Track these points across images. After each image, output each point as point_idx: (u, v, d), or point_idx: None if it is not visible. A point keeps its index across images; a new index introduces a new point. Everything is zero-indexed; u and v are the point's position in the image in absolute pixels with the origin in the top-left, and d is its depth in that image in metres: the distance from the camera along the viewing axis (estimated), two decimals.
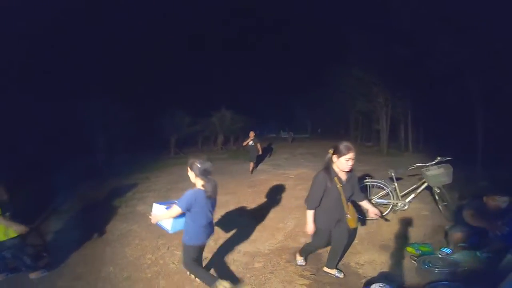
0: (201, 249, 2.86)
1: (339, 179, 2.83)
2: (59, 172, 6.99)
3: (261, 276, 3.15)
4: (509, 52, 5.58)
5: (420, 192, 4.56)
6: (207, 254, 3.64)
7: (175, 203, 2.63)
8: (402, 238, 3.80)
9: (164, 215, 2.73)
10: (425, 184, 4.48)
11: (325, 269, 3.16)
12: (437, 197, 4.52)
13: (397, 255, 3.46)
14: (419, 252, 3.54)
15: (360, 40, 10.12)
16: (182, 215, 2.68)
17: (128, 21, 12.75)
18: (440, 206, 4.45)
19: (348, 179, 2.89)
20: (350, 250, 3.66)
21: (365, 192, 4.58)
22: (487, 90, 6.79)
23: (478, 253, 3.22)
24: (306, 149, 12.19)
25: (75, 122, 9.41)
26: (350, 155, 2.68)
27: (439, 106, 8.90)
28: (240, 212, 5.18)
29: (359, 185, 3.15)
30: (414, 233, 3.89)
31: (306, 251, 3.34)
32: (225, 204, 5.59)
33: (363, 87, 11.16)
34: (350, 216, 2.91)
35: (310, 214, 2.86)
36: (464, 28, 5.92)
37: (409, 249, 3.60)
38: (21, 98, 7.93)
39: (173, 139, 12.02)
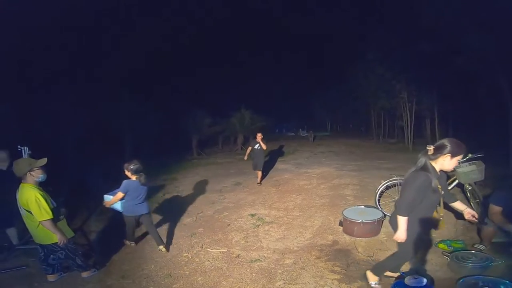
0: (135, 219, 3.93)
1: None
2: (92, 174, 7.40)
3: (292, 272, 3.29)
4: None
5: (451, 189, 4.54)
6: (239, 251, 3.84)
7: (118, 191, 3.73)
8: (434, 235, 3.82)
9: (113, 200, 3.78)
10: (456, 181, 4.46)
11: (388, 273, 2.98)
12: (468, 194, 4.49)
13: (429, 251, 3.50)
14: (451, 248, 3.57)
15: (381, 36, 10.02)
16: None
17: (152, 24, 13.21)
18: (472, 203, 4.41)
19: (439, 179, 2.55)
20: (379, 246, 3.76)
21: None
22: None
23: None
24: (327, 147, 12.19)
25: (104, 124, 9.84)
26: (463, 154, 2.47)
27: (468, 101, 8.67)
28: (266, 211, 5.35)
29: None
30: (446, 230, 3.89)
31: (384, 268, 2.92)
32: (251, 203, 5.79)
33: (386, 83, 11.02)
34: (442, 219, 2.72)
35: (404, 220, 2.48)
36: (494, 22, 5.79)
37: (440, 245, 3.64)
38: (48, 102, 8.39)
39: (195, 140, 12.39)
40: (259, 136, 7.23)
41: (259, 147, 7.21)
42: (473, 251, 3.39)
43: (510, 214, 3.20)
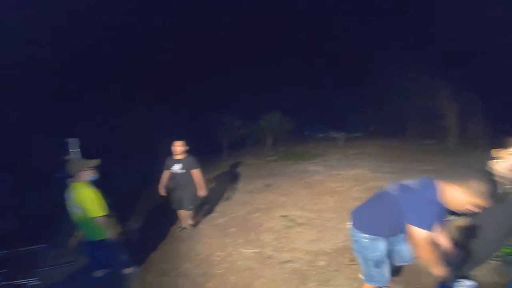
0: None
1: None
2: (127, 174, 7.83)
3: (326, 274, 3.32)
4: None
5: None
6: (271, 252, 3.91)
7: None
8: None
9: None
10: None
11: None
12: None
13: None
14: (501, 253, 3.39)
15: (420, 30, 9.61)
16: None
17: (185, 27, 13.68)
18: None
19: None
20: None
21: None
22: None
23: None
24: (359, 149, 11.89)
25: (138, 125, 10.33)
26: None
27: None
28: (298, 212, 5.37)
29: None
30: None
31: None
32: (282, 205, 5.83)
33: (423, 81, 10.55)
34: None
35: None
36: None
37: None
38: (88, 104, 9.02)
39: (225, 141, 12.66)
40: (178, 147, 4.61)
41: (181, 170, 4.61)
42: None
43: None
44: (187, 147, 4.78)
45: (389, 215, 2.28)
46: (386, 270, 2.44)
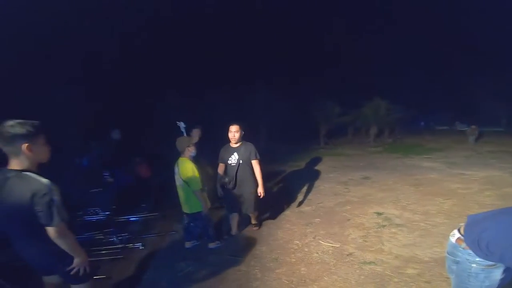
0: None
1: None
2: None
3: (412, 284, 2.76)
4: None
5: None
6: (352, 250, 3.51)
7: None
8: None
9: None
10: None
11: None
12: None
13: None
14: None
15: None
16: None
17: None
18: None
19: None
20: None
21: None
22: None
23: None
24: (499, 146, 9.44)
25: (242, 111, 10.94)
26: None
27: None
28: (398, 211, 4.68)
29: None
30: None
31: None
32: (379, 201, 5.21)
33: None
34: None
35: None
36: None
37: None
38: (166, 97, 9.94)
39: (323, 129, 12.12)
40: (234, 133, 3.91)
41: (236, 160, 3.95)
42: None
43: None
44: (243, 132, 3.96)
45: None
46: None
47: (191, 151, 3.62)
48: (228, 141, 4.00)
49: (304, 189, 6.08)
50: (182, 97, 9.42)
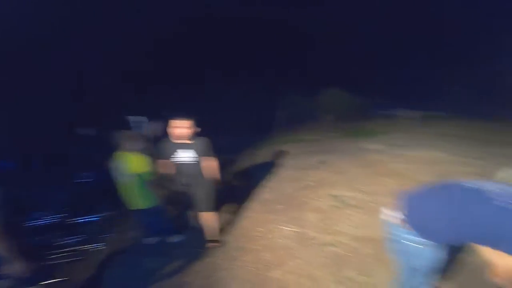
0: None
1: None
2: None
3: (369, 263, 3.06)
4: None
5: None
6: (313, 233, 3.71)
7: None
8: None
9: None
10: None
11: None
12: None
13: None
14: None
15: None
16: None
17: None
18: None
19: None
20: None
21: None
22: None
23: None
24: (438, 129, 10.31)
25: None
26: None
27: None
28: (350, 193, 4.98)
29: None
30: None
31: None
32: (334, 183, 5.43)
33: None
34: None
35: None
36: None
37: None
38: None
39: (282, 117, 12.43)
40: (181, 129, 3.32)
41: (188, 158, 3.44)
42: None
43: None
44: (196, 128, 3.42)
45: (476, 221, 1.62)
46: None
47: (137, 144, 3.45)
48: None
49: (266, 177, 6.21)
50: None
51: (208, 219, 3.68)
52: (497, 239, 1.55)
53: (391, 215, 1.95)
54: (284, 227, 3.96)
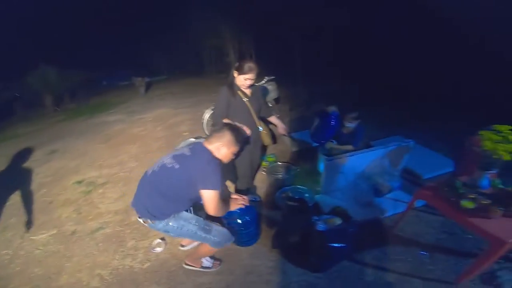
0: None
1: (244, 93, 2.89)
2: None
3: (141, 228, 3.35)
4: None
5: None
6: (73, 227, 3.57)
7: None
8: None
9: None
10: None
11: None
12: None
13: None
14: (267, 163, 4.19)
15: None
16: None
17: None
18: None
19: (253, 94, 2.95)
20: None
21: None
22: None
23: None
24: (164, 90, 11.74)
25: None
26: (250, 75, 2.74)
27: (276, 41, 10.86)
28: (96, 172, 4.99)
29: None
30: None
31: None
32: (75, 170, 5.17)
33: (213, 26, 12.15)
34: (265, 131, 3.15)
35: None
36: None
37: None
38: None
39: None
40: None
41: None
42: (279, 163, 4.12)
43: None
44: None
45: (180, 190, 2.15)
46: (217, 227, 2.41)
47: None
48: None
49: None
50: None
51: None
52: (196, 186, 2.11)
53: (139, 218, 2.34)
54: (36, 237, 3.48)
